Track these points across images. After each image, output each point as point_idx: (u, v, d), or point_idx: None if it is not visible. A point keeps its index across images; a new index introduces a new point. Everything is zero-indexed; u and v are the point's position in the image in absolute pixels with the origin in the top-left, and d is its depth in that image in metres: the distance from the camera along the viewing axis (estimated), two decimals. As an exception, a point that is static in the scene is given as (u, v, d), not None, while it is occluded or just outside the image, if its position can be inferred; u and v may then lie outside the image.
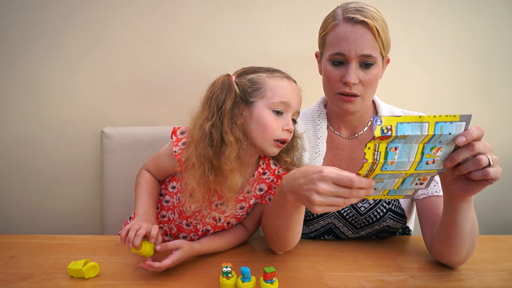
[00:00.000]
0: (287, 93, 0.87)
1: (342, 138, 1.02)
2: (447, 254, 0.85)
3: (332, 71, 0.92)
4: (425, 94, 1.39)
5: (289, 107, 0.87)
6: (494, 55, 1.37)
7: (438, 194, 0.93)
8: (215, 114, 0.85)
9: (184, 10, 1.32)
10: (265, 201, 0.98)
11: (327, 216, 0.99)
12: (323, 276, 0.84)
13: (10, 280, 0.82)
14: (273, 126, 0.85)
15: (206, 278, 0.83)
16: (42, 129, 1.38)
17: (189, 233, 0.98)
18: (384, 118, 0.61)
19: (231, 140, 0.84)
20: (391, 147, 0.64)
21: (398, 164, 0.66)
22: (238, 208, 0.95)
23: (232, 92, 0.86)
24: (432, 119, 0.62)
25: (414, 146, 0.65)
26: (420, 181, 0.72)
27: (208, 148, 0.84)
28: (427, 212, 0.93)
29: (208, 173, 0.84)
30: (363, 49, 0.87)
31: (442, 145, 0.66)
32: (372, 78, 0.91)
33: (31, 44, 1.32)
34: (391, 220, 0.98)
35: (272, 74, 0.89)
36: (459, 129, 0.64)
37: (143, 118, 1.39)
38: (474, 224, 0.79)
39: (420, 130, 0.62)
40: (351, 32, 0.87)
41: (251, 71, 0.90)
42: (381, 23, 0.89)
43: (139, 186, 0.96)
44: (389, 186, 0.72)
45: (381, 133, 0.61)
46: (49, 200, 1.43)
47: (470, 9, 1.33)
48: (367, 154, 0.64)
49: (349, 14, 0.88)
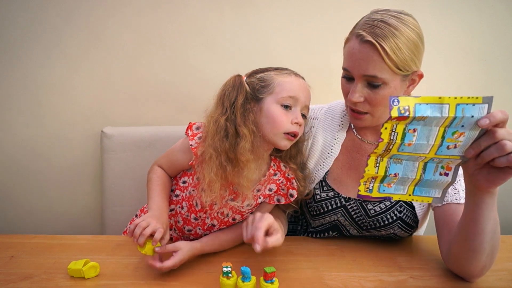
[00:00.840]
0: (294, 88, 0.89)
1: (365, 143, 1.00)
2: (463, 260, 0.79)
3: (343, 84, 0.92)
4: (425, 94, 1.38)
5: (297, 101, 0.89)
6: (494, 55, 1.37)
7: (459, 202, 0.87)
8: (228, 109, 0.89)
9: (184, 10, 1.32)
10: (273, 201, 0.99)
11: (333, 213, 0.99)
12: (323, 276, 0.84)
13: (10, 280, 0.82)
14: (282, 119, 0.88)
15: (206, 278, 0.83)
16: (42, 129, 1.38)
17: (195, 227, 0.98)
18: (401, 98, 0.59)
19: (245, 132, 0.87)
20: (410, 129, 0.62)
21: (416, 146, 0.64)
22: (245, 204, 0.96)
23: (243, 90, 0.90)
24: (453, 101, 0.60)
25: (435, 129, 0.62)
26: (444, 170, 0.68)
27: (224, 140, 0.88)
28: (445, 220, 0.88)
29: (225, 164, 0.87)
30: (366, 70, 0.84)
31: (465, 130, 0.62)
32: (380, 98, 0.86)
33: (31, 44, 1.32)
34: (399, 229, 0.96)
35: (280, 71, 0.91)
36: (482, 111, 0.60)
37: (143, 118, 1.39)
38: (496, 228, 0.75)
39: (440, 112, 0.60)
40: (357, 51, 0.84)
41: (260, 70, 0.93)
42: (401, 40, 0.81)
43: (151, 181, 0.96)
44: (410, 172, 0.69)
45: (398, 113, 0.59)
46: (49, 200, 1.43)
47: (470, 9, 1.33)
48: (383, 134, 0.63)
49: (359, 30, 0.84)
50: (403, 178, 0.70)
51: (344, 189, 0.99)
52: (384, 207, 0.96)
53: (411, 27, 0.84)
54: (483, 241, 0.74)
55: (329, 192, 0.99)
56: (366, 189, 0.73)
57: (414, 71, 0.87)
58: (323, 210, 1.00)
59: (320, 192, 1.00)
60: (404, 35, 0.82)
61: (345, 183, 1.00)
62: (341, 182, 1.00)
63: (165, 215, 0.89)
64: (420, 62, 0.89)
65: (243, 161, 0.87)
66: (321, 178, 1.01)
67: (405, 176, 0.70)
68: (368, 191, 0.73)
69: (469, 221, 0.75)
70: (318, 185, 1.01)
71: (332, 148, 1.01)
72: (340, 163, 1.01)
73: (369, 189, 0.73)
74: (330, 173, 1.01)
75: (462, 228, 0.77)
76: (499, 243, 0.77)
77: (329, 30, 1.28)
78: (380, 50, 0.81)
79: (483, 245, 0.75)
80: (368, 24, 0.84)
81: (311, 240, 1.04)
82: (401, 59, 0.83)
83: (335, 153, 1.01)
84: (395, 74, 0.84)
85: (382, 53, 0.81)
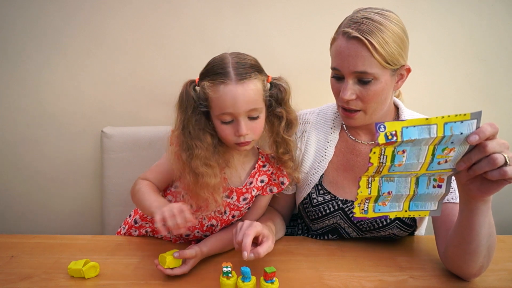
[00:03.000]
0: (225, 103, 0.84)
1: (359, 143, 1.00)
2: (461, 262, 0.80)
3: (333, 84, 0.92)
4: (425, 94, 1.39)
5: (234, 115, 0.85)
6: (494, 55, 1.37)
7: (455, 201, 0.88)
8: (182, 121, 0.89)
9: (184, 10, 1.32)
10: (266, 192, 0.99)
11: (332, 216, 0.99)
12: (323, 276, 0.85)
13: (10, 280, 0.82)
14: (225, 134, 0.87)
15: (206, 278, 0.83)
16: (42, 129, 1.38)
17: (193, 230, 0.98)
18: (387, 124, 0.59)
19: (198, 144, 0.87)
20: (399, 150, 0.62)
21: (406, 165, 0.64)
22: (241, 199, 0.96)
23: (191, 100, 0.88)
24: (440, 120, 0.59)
25: (424, 148, 0.62)
26: (437, 182, 0.68)
27: (183, 153, 0.88)
28: (442, 219, 0.89)
29: (188, 175, 0.87)
30: (356, 66, 0.84)
31: (455, 145, 0.62)
32: (372, 94, 0.87)
33: (31, 44, 1.32)
34: (397, 229, 0.97)
35: (213, 80, 0.85)
36: (471, 127, 0.60)
37: (143, 118, 1.38)
38: (491, 230, 0.75)
39: (428, 133, 0.59)
40: (345, 48, 0.85)
41: (204, 74, 0.89)
42: (386, 35, 0.82)
43: (140, 191, 0.92)
44: (403, 188, 0.68)
45: (385, 140, 0.59)
46: (49, 200, 1.43)
47: (470, 9, 1.33)
48: (372, 158, 0.62)
49: (345, 28, 0.85)
50: (397, 195, 0.70)
51: (340, 191, 0.99)
52: None
53: (395, 22, 0.85)
54: (479, 244, 0.75)
55: (325, 196, 0.99)
56: (361, 210, 0.72)
57: (402, 65, 0.88)
58: (321, 214, 1.00)
59: (317, 196, 1.00)
60: (390, 30, 0.83)
61: (341, 185, 1.00)
62: (337, 184, 1.00)
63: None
64: (407, 57, 0.90)
65: (199, 174, 0.86)
66: (317, 181, 1.00)
67: (399, 193, 0.70)
68: (364, 212, 0.72)
69: (464, 227, 0.75)
70: (314, 189, 1.01)
71: (325, 151, 1.01)
72: (335, 165, 1.01)
73: (364, 210, 0.72)
74: (325, 176, 1.01)
75: (458, 233, 0.78)
76: (495, 243, 0.78)
77: (329, 30, 1.28)
78: (368, 45, 0.82)
79: (479, 248, 0.75)
80: (353, 21, 0.85)
81: (311, 240, 1.04)
82: (389, 53, 0.83)
83: (329, 155, 1.00)
84: (384, 68, 0.85)
85: (370, 47, 0.82)
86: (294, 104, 0.96)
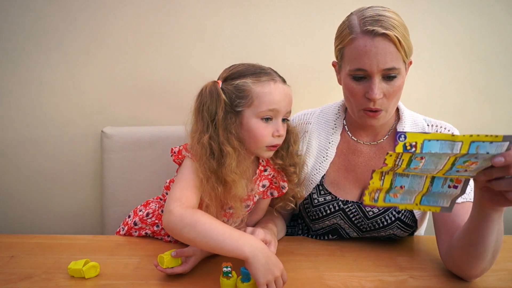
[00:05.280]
0: (274, 100, 0.84)
1: (360, 144, 1.00)
2: (464, 264, 0.79)
3: (354, 86, 0.87)
4: (425, 94, 1.39)
5: (278, 113, 0.85)
6: (494, 55, 1.37)
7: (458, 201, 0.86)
8: (210, 125, 0.84)
9: (184, 10, 1.32)
10: (267, 195, 0.99)
11: (332, 217, 0.99)
12: (323, 276, 0.84)
13: (10, 280, 0.82)
14: (263, 134, 0.85)
15: (206, 278, 0.83)
16: (42, 129, 1.38)
17: None
18: (409, 134, 0.56)
19: (229, 150, 0.83)
20: (417, 157, 0.59)
21: (422, 170, 0.62)
22: (244, 206, 0.95)
23: (222, 102, 0.84)
24: (467, 139, 0.56)
25: (445, 157, 0.60)
26: (453, 183, 0.66)
27: (211, 160, 0.83)
28: (444, 219, 0.88)
29: (216, 185, 0.84)
30: (385, 63, 0.82)
31: (478, 160, 0.60)
32: (396, 89, 0.86)
33: (31, 44, 1.32)
34: (398, 229, 0.96)
35: (258, 78, 0.85)
36: (500, 149, 0.57)
37: (143, 118, 1.38)
38: (499, 237, 0.74)
39: (450, 149, 0.57)
40: (372, 46, 0.82)
41: (236, 74, 0.87)
42: (402, 29, 0.83)
43: (206, 224, 0.76)
44: (416, 185, 0.67)
45: (403, 150, 0.57)
46: (49, 200, 1.43)
47: (470, 9, 1.33)
48: (387, 160, 0.60)
49: (367, 26, 0.82)
50: (409, 191, 0.69)
51: (341, 192, 0.99)
52: (382, 208, 0.96)
53: (399, 16, 0.86)
54: (485, 249, 0.74)
55: (326, 196, 0.99)
56: (371, 199, 0.71)
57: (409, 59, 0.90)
58: (322, 214, 1.00)
59: (317, 197, 1.00)
60: (401, 24, 0.84)
61: (342, 186, 0.99)
62: (338, 185, 1.00)
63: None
64: None
65: (229, 181, 0.84)
66: (318, 182, 1.00)
67: (412, 188, 0.69)
68: (374, 200, 0.71)
69: (473, 231, 0.74)
70: (315, 190, 1.00)
71: (327, 151, 1.01)
72: (336, 166, 1.00)
73: (374, 199, 0.71)
74: (326, 177, 1.01)
75: (465, 235, 0.77)
76: (500, 247, 0.77)
77: (329, 30, 1.28)
78: (395, 40, 0.81)
79: (485, 252, 0.75)
80: (370, 20, 0.83)
81: (311, 240, 1.04)
82: (408, 46, 0.85)
83: (330, 156, 1.00)
84: (404, 62, 0.86)
85: (397, 42, 0.82)
86: (294, 104, 0.96)
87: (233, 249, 0.73)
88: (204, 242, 0.75)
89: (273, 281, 0.72)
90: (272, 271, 0.72)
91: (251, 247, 0.73)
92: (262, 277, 0.70)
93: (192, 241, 0.77)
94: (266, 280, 0.71)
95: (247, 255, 0.71)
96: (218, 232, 0.75)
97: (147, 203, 1.09)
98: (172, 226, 0.77)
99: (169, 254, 0.81)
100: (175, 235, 0.79)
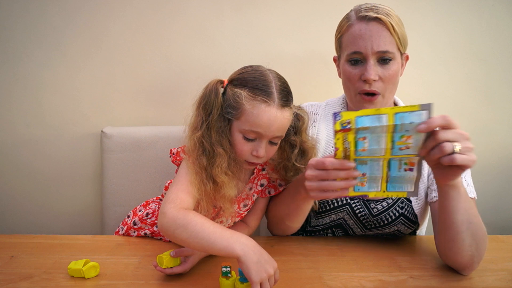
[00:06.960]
0: (259, 123, 0.81)
1: None
2: (448, 251, 0.83)
3: (351, 70, 0.93)
4: (424, 94, 1.39)
5: (261, 136, 0.83)
6: (494, 55, 1.37)
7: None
8: (204, 123, 0.84)
9: (184, 11, 1.32)
10: (265, 194, 0.99)
11: (339, 210, 1.00)
12: (323, 276, 0.85)
13: (10, 280, 0.82)
14: (242, 149, 0.85)
15: (206, 278, 0.83)
16: (42, 129, 1.38)
17: None
18: (343, 113, 0.67)
19: (220, 151, 0.83)
20: (359, 137, 0.69)
21: (370, 151, 0.69)
22: (242, 206, 0.96)
23: (218, 103, 0.84)
24: (390, 110, 0.66)
25: (382, 135, 0.68)
26: (408, 166, 0.72)
27: (202, 157, 0.84)
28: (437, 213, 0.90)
29: (206, 181, 0.84)
30: (379, 45, 0.88)
31: (411, 133, 0.67)
32: (392, 73, 0.91)
33: (32, 45, 1.32)
34: (402, 225, 0.97)
35: (254, 95, 0.81)
36: (421, 118, 0.65)
37: (143, 118, 1.39)
38: (469, 218, 0.78)
39: (378, 121, 0.66)
40: (366, 30, 0.89)
41: (240, 81, 0.85)
42: (396, 19, 0.90)
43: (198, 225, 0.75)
44: (376, 170, 0.73)
45: (340, 127, 0.68)
46: (49, 200, 1.43)
47: (470, 9, 1.33)
48: (337, 143, 0.69)
49: (362, 13, 0.90)
50: (372, 177, 0.74)
51: None
52: (386, 205, 0.97)
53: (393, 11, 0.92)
54: (458, 231, 0.78)
55: None
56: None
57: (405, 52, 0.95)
58: (329, 207, 1.00)
59: None
60: (395, 15, 0.91)
61: None
62: None
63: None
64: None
65: (219, 182, 0.84)
66: None
67: (373, 174, 0.74)
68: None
69: (441, 213, 0.80)
70: None
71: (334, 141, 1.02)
72: None
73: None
74: None
75: (440, 221, 0.82)
76: (483, 234, 0.80)
77: (329, 30, 1.28)
78: (388, 24, 0.88)
79: (459, 235, 0.78)
80: (366, 8, 0.91)
81: (311, 240, 1.04)
82: (402, 34, 0.91)
83: None
84: (398, 50, 0.92)
85: (390, 27, 0.88)
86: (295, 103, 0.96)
87: (224, 247, 0.72)
88: (196, 242, 0.74)
89: (267, 279, 0.70)
90: (265, 269, 0.70)
91: (242, 245, 0.71)
92: (255, 275, 0.69)
93: (185, 242, 0.76)
94: (259, 278, 0.69)
95: (238, 254, 0.70)
96: (209, 232, 0.73)
97: (146, 203, 1.09)
98: (166, 227, 0.76)
99: (168, 254, 0.81)
100: (169, 237, 0.79)
